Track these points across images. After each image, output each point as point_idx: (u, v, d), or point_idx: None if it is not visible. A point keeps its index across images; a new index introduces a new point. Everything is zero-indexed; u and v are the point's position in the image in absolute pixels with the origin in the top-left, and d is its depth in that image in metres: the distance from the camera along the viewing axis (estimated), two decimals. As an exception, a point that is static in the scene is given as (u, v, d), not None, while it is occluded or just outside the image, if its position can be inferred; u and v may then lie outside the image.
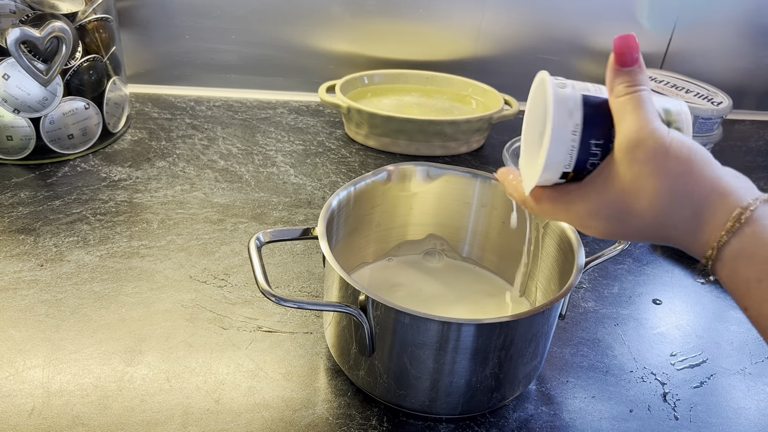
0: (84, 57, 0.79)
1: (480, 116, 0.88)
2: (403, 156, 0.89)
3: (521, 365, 0.49)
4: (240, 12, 0.99)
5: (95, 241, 0.67)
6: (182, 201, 0.74)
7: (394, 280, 0.61)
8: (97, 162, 0.81)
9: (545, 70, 0.42)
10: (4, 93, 0.74)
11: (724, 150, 1.00)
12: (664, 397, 0.54)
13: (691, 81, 0.98)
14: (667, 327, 0.62)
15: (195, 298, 0.60)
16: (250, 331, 0.57)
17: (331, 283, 0.50)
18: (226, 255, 0.66)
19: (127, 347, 0.54)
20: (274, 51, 1.02)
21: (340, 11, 1.00)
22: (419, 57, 1.04)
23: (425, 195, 0.61)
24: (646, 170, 0.39)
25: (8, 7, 0.73)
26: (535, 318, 0.46)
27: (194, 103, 0.98)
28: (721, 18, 1.06)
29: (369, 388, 0.50)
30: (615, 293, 0.66)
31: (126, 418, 0.48)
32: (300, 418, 0.49)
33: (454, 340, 0.45)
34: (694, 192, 0.38)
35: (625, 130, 0.40)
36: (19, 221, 0.69)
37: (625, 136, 0.40)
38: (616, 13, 1.04)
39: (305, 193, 0.78)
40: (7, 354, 0.53)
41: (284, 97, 1.03)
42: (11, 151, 0.78)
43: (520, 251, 0.59)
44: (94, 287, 0.60)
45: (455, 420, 0.50)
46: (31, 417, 0.47)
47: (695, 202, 0.38)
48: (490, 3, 1.01)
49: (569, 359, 0.57)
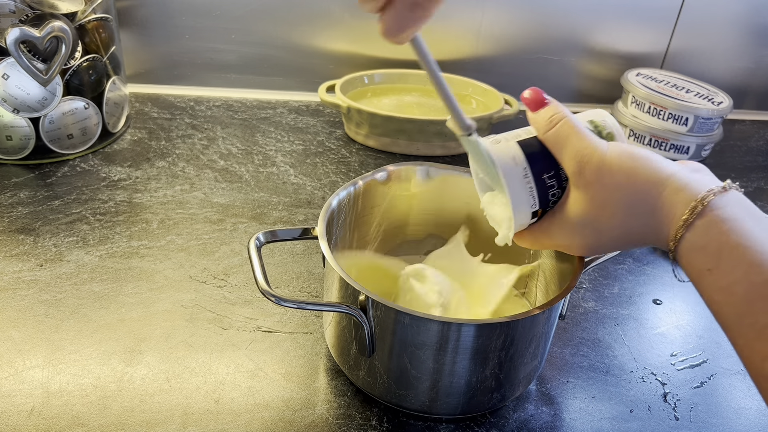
0: (84, 57, 0.79)
1: (480, 116, 0.88)
2: (403, 156, 0.89)
3: (521, 365, 0.48)
4: (240, 12, 0.99)
5: (95, 241, 0.66)
6: (182, 201, 0.74)
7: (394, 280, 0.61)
8: (97, 162, 0.81)
9: (474, 133, 0.45)
10: (4, 93, 0.74)
11: (724, 150, 0.99)
12: (664, 397, 0.54)
13: (691, 81, 0.98)
14: (667, 327, 0.62)
15: (195, 298, 0.60)
16: (249, 332, 0.57)
17: (331, 283, 0.50)
18: (226, 255, 0.66)
19: (127, 347, 0.54)
20: (274, 51, 1.02)
21: (340, 11, 1.00)
22: (419, 57, 1.04)
23: (425, 195, 0.61)
24: (597, 188, 0.42)
25: (8, 6, 0.73)
26: (535, 318, 0.46)
27: (194, 103, 0.98)
28: (721, 18, 1.06)
29: (369, 388, 0.50)
30: (615, 293, 0.66)
31: (126, 418, 0.48)
32: (300, 418, 0.49)
33: (454, 340, 0.44)
34: (648, 194, 0.41)
35: (566, 158, 0.44)
36: (18, 221, 0.69)
37: (569, 163, 0.43)
38: (615, 12, 1.04)
39: (305, 193, 0.78)
40: (7, 354, 0.53)
41: (284, 97, 1.03)
42: (11, 151, 0.78)
43: (520, 251, 0.59)
44: (94, 287, 0.60)
45: (455, 420, 0.50)
46: (31, 417, 0.47)
47: (650, 203, 0.41)
48: (490, 3, 1.01)
49: (569, 359, 0.57)
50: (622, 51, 1.07)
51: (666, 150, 0.95)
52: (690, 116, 0.91)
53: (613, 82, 1.06)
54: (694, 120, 0.91)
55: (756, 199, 0.82)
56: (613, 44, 1.06)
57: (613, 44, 1.06)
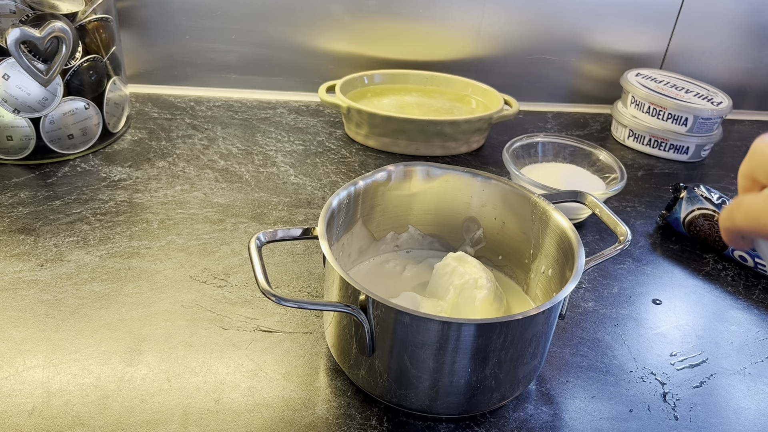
0: (84, 57, 0.79)
1: (480, 116, 0.88)
2: (403, 156, 0.89)
3: (521, 365, 0.49)
4: (240, 12, 0.99)
5: (95, 241, 0.67)
6: (182, 201, 0.74)
7: (394, 279, 0.61)
8: (97, 162, 0.81)
9: None
10: (4, 93, 0.74)
11: (724, 150, 1.00)
12: (663, 397, 0.54)
13: (691, 81, 0.98)
14: (667, 327, 0.62)
15: (195, 298, 0.60)
16: (250, 331, 0.57)
17: (332, 282, 0.50)
18: (226, 255, 0.66)
19: (127, 347, 0.54)
20: (274, 51, 1.02)
21: (340, 11, 1.00)
22: (419, 57, 1.04)
23: (425, 195, 0.61)
24: None
25: (8, 7, 0.73)
26: (535, 318, 0.46)
27: (194, 103, 0.98)
28: (721, 18, 1.06)
29: (369, 387, 0.50)
30: (615, 293, 0.66)
31: (126, 418, 0.48)
32: (300, 418, 0.49)
33: (455, 339, 0.45)
34: None
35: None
36: (19, 221, 0.69)
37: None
38: (616, 12, 1.04)
39: (305, 193, 0.78)
40: (7, 354, 0.53)
41: (284, 97, 1.03)
42: (11, 151, 0.78)
43: (520, 251, 0.59)
44: (94, 287, 0.60)
45: (455, 420, 0.50)
46: (31, 417, 0.47)
47: None
48: (490, 3, 1.01)
49: (569, 359, 0.57)
50: (622, 51, 1.07)
51: (666, 150, 0.95)
52: (689, 116, 0.91)
53: (613, 82, 1.07)
54: (694, 120, 0.91)
55: (755, 199, 0.81)
56: (612, 44, 1.06)
57: (613, 44, 1.06)
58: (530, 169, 0.80)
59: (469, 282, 0.55)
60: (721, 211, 0.38)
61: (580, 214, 0.75)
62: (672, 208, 0.76)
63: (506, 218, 0.60)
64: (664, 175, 0.91)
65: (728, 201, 0.73)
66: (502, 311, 0.56)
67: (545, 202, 0.57)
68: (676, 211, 0.76)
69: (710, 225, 0.72)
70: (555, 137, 0.83)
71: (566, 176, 0.80)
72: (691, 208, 0.74)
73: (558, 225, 0.54)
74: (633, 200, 0.83)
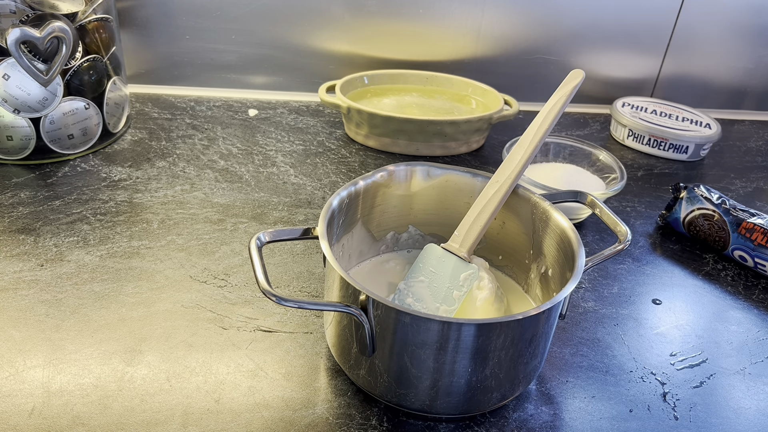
0: (84, 57, 0.79)
1: (480, 116, 0.88)
2: (403, 156, 0.89)
3: (521, 365, 0.49)
4: (240, 12, 0.99)
5: (95, 241, 0.67)
6: (182, 201, 0.74)
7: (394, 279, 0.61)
8: (97, 162, 0.81)
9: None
10: (4, 93, 0.74)
11: (723, 150, 1.00)
12: (663, 397, 0.54)
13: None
14: (666, 327, 0.62)
15: (195, 298, 0.60)
16: (250, 331, 0.57)
17: (332, 283, 0.50)
18: (226, 255, 0.66)
19: (127, 347, 0.54)
20: (274, 51, 1.02)
21: (340, 11, 1.00)
22: (419, 57, 1.04)
23: (425, 195, 0.61)
24: None
25: (8, 7, 0.73)
26: (535, 318, 0.46)
27: (194, 103, 0.98)
28: (721, 17, 1.06)
29: (369, 387, 0.50)
30: (615, 293, 0.66)
31: (126, 418, 0.48)
32: (300, 418, 0.49)
33: (455, 339, 0.45)
34: None
35: None
36: (19, 221, 0.69)
37: None
38: (616, 13, 1.04)
39: (305, 193, 0.78)
40: (7, 354, 0.53)
41: (284, 97, 1.03)
42: (11, 151, 0.78)
43: (520, 251, 0.59)
44: (94, 287, 0.60)
45: (455, 420, 0.50)
46: (31, 417, 0.47)
47: None
48: (490, 3, 1.01)
49: (569, 359, 0.57)
50: (622, 51, 1.07)
51: (665, 149, 0.95)
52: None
53: (613, 82, 1.07)
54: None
55: (755, 200, 0.82)
56: (612, 44, 1.06)
57: (613, 44, 1.06)
58: (530, 169, 0.80)
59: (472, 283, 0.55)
60: None
61: (580, 214, 0.75)
62: (672, 208, 0.76)
63: (506, 218, 0.60)
64: (663, 175, 0.91)
65: (728, 201, 0.73)
66: (503, 312, 0.56)
67: (545, 202, 0.57)
68: (676, 211, 0.76)
69: (710, 225, 0.72)
70: (555, 137, 0.83)
71: (566, 176, 0.80)
72: (691, 208, 0.74)
73: (558, 225, 0.54)
74: (633, 200, 0.83)
